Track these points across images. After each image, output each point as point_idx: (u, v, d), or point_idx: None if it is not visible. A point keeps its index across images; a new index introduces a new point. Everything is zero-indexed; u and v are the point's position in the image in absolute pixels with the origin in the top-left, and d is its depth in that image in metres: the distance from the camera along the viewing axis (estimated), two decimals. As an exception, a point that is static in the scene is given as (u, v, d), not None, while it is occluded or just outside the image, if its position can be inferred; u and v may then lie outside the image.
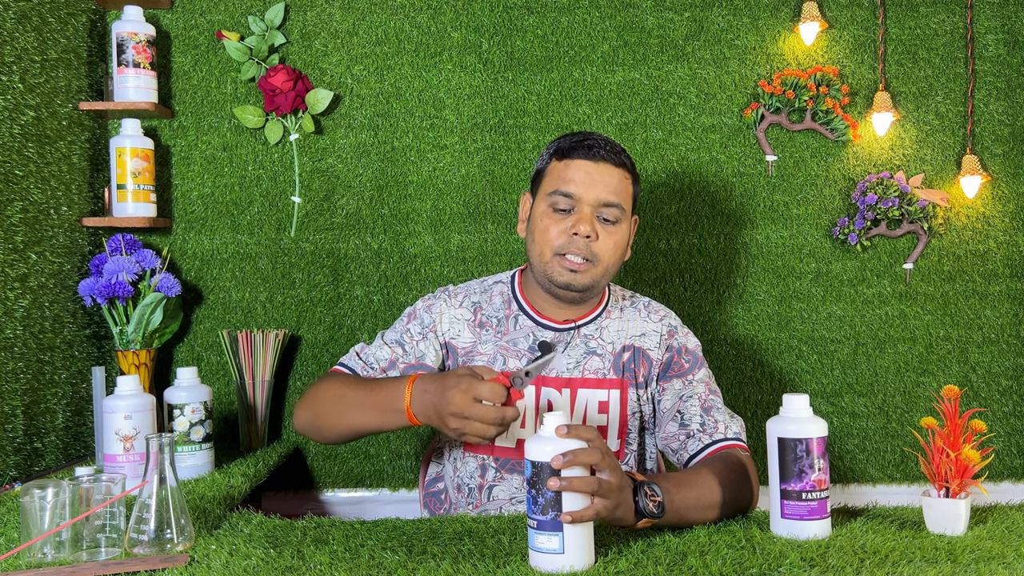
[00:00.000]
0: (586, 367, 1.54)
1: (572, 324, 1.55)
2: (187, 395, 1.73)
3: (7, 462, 1.69)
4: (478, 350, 1.56)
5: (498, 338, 1.55)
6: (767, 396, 2.24)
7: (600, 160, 1.47)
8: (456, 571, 1.06)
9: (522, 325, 1.56)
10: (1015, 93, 2.25)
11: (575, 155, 1.48)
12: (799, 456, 1.17)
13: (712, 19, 2.24)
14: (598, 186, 1.46)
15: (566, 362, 1.54)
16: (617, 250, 1.49)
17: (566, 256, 1.46)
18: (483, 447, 1.53)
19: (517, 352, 1.54)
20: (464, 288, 1.63)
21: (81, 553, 1.16)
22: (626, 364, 1.55)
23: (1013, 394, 2.25)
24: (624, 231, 1.50)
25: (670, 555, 1.11)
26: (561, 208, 1.47)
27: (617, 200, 1.47)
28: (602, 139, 1.50)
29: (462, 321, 1.58)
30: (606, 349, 1.55)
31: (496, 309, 1.58)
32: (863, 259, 2.24)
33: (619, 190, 1.47)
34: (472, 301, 1.60)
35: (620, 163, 1.48)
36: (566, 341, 1.54)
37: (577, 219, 1.46)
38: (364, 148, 2.22)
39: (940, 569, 1.04)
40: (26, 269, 1.80)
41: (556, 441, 1.07)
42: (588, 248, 1.46)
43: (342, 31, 2.22)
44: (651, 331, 1.59)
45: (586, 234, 1.45)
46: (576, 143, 1.49)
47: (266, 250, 2.22)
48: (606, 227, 1.47)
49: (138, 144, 2.08)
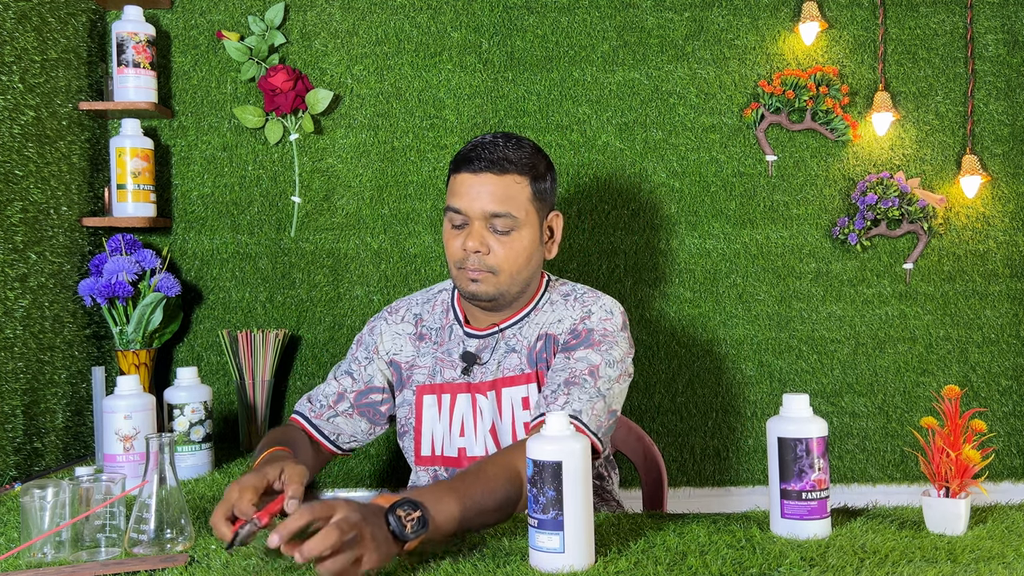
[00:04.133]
0: (506, 366, 1.51)
1: (496, 328, 1.53)
2: (187, 395, 1.73)
3: (7, 462, 1.69)
4: (417, 363, 1.55)
5: (435, 349, 1.55)
6: (767, 396, 2.24)
7: (481, 171, 1.44)
8: (456, 571, 1.05)
9: (455, 335, 1.55)
10: (1015, 93, 2.25)
11: (461, 168, 1.46)
12: (799, 456, 1.17)
13: (712, 19, 2.24)
14: (481, 198, 1.43)
15: (490, 366, 1.52)
16: (518, 257, 1.45)
17: (467, 270, 1.46)
18: (434, 459, 1.53)
19: (452, 363, 1.53)
20: (406, 302, 1.62)
21: (81, 553, 1.16)
22: (539, 354, 1.51)
23: (1013, 394, 2.25)
24: (524, 237, 1.45)
25: (670, 555, 1.11)
26: (456, 224, 1.47)
27: (504, 210, 1.43)
28: (489, 146, 1.45)
29: (404, 336, 1.57)
30: (522, 344, 1.52)
31: (436, 319, 1.58)
32: (863, 259, 2.24)
33: (505, 198, 1.43)
34: (413, 313, 1.59)
35: (504, 170, 1.43)
36: (491, 347, 1.53)
37: (467, 235, 1.45)
38: (364, 148, 2.22)
39: (940, 569, 1.04)
40: (26, 269, 1.80)
41: (558, 441, 1.07)
42: (482, 261, 1.45)
43: (342, 31, 2.22)
44: (567, 316, 1.52)
45: (475, 249, 1.44)
46: (463, 156, 1.47)
47: (266, 250, 2.22)
48: (499, 237, 1.45)
49: (138, 144, 2.08)
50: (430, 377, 1.54)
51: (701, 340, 2.23)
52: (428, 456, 1.54)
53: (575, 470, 1.06)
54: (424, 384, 1.54)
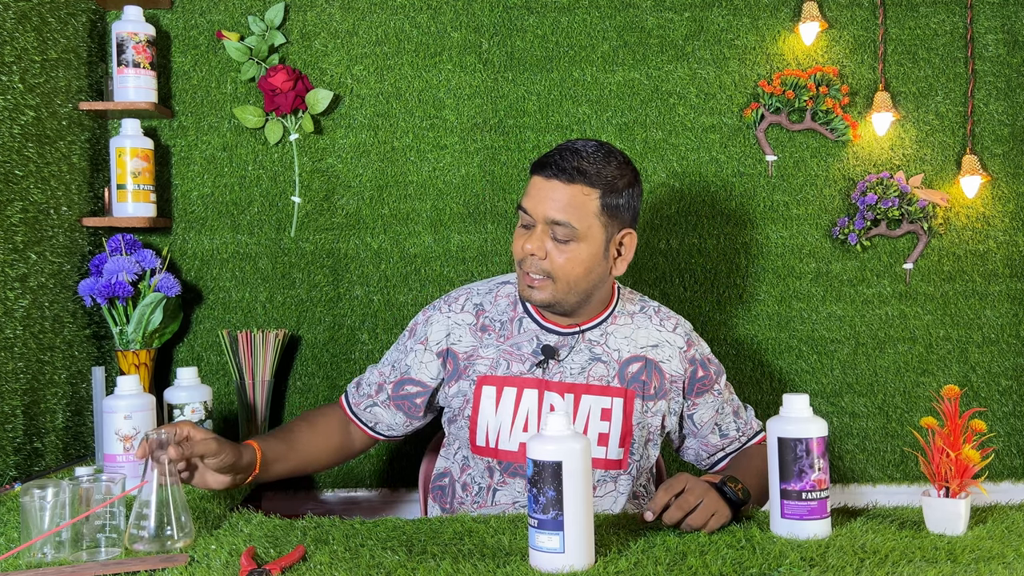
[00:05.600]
0: (591, 373, 1.53)
1: (577, 328, 1.55)
2: (187, 395, 1.73)
3: (7, 462, 1.69)
4: (480, 354, 1.55)
5: (501, 342, 1.55)
6: (767, 396, 2.24)
7: (551, 177, 1.45)
8: (456, 571, 1.06)
9: (526, 328, 1.55)
10: (1015, 93, 2.25)
11: (536, 171, 1.48)
12: (799, 456, 1.17)
13: (712, 19, 2.24)
14: (545, 203, 1.44)
15: (570, 368, 1.54)
16: (574, 268, 1.45)
17: (527, 273, 1.48)
18: (488, 450, 1.54)
19: (521, 356, 1.53)
20: (466, 291, 1.62)
21: (81, 553, 1.16)
22: (634, 375, 1.54)
23: (1013, 394, 2.25)
24: (583, 249, 1.45)
25: (670, 555, 1.11)
26: (524, 224, 1.48)
27: (564, 219, 1.43)
28: (568, 152, 1.46)
29: (463, 326, 1.57)
30: (611, 356, 1.54)
31: (500, 312, 1.58)
32: (863, 259, 2.24)
33: (568, 208, 1.43)
34: (474, 303, 1.59)
35: (572, 179, 1.43)
36: (570, 345, 1.54)
37: (530, 236, 1.46)
38: (364, 148, 2.22)
39: (940, 569, 1.04)
40: (26, 269, 1.80)
41: (559, 441, 1.07)
42: (538, 265, 1.46)
43: (342, 31, 2.22)
44: (665, 342, 1.57)
45: (531, 252, 1.45)
46: (545, 157, 1.48)
47: (266, 250, 2.22)
48: (559, 245, 1.45)
49: (138, 144, 2.08)
50: (493, 369, 1.53)
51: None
52: (483, 447, 1.54)
53: (575, 470, 1.06)
54: (487, 375, 1.54)
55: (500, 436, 1.52)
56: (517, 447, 1.52)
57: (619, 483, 1.54)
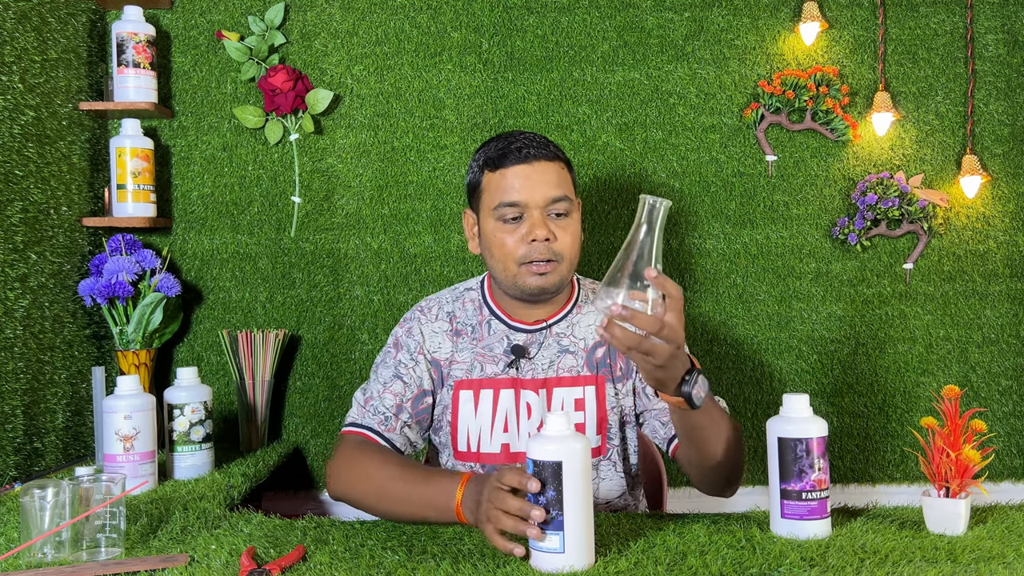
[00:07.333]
0: (560, 366, 1.52)
1: (543, 324, 1.54)
2: (187, 395, 1.73)
3: (7, 462, 1.69)
4: (455, 359, 1.55)
5: (474, 345, 1.55)
6: (767, 396, 2.24)
7: (534, 160, 1.45)
8: (456, 571, 1.06)
9: (495, 330, 1.55)
10: (1015, 93, 2.25)
11: (507, 163, 1.46)
12: (799, 456, 1.17)
13: (712, 19, 2.24)
14: (541, 186, 1.45)
15: (541, 363, 1.53)
16: (575, 242, 1.49)
17: (532, 263, 1.45)
18: (471, 455, 1.53)
19: (493, 357, 1.53)
20: (436, 299, 1.61)
21: (81, 553, 1.16)
22: (600, 360, 1.54)
23: (1013, 394, 2.25)
24: (574, 222, 1.49)
25: (670, 555, 1.11)
26: (511, 218, 1.46)
27: (562, 193, 1.46)
28: (527, 137, 1.48)
29: (441, 333, 1.57)
30: (578, 346, 1.54)
31: (469, 316, 1.57)
32: (863, 259, 2.24)
33: (560, 182, 1.46)
34: (446, 311, 1.59)
35: (552, 156, 1.47)
36: (539, 342, 1.54)
37: (531, 225, 1.45)
38: (364, 148, 2.22)
39: (940, 569, 1.04)
40: (26, 269, 1.80)
41: (559, 440, 1.07)
42: (549, 249, 1.45)
43: (342, 31, 2.22)
44: None
45: (544, 237, 1.44)
46: (503, 150, 1.47)
47: (266, 250, 2.22)
48: (559, 222, 1.46)
49: (138, 144, 2.08)
50: (468, 372, 1.53)
51: (701, 340, 2.23)
52: (465, 452, 1.53)
53: (575, 470, 1.06)
54: (462, 379, 1.53)
55: (481, 439, 1.52)
56: (499, 448, 1.52)
57: (601, 470, 1.54)
